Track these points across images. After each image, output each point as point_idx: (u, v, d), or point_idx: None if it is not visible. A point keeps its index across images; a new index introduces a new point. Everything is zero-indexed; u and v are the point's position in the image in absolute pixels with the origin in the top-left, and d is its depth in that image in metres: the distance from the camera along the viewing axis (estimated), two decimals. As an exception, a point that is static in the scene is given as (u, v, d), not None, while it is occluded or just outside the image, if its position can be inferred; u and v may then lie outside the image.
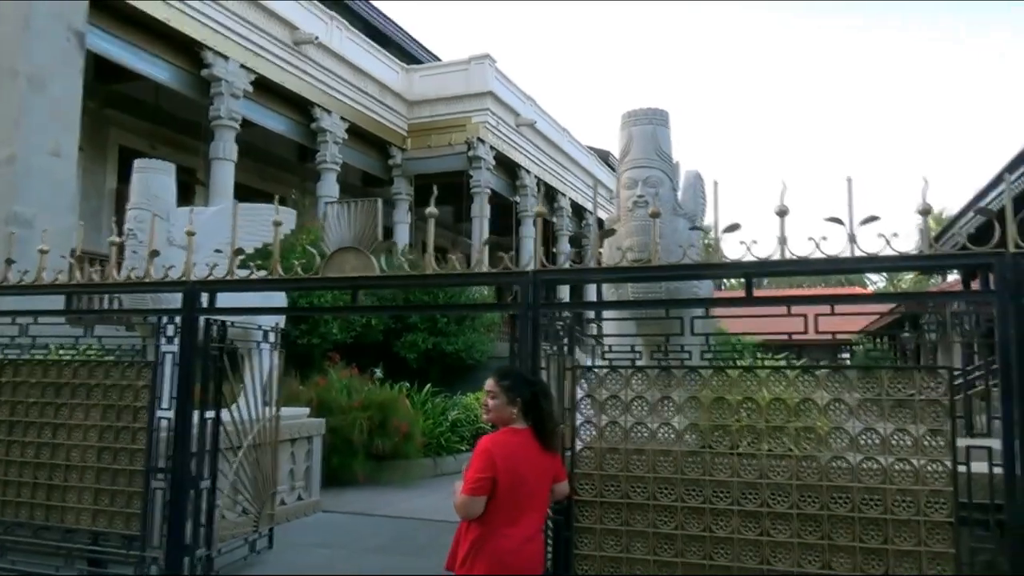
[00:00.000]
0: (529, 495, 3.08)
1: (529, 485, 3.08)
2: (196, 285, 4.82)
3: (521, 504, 3.08)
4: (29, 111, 8.78)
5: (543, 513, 3.22)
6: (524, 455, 3.15)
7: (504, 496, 3.03)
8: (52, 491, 5.00)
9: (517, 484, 3.06)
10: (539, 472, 3.15)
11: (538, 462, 3.16)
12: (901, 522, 3.40)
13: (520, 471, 3.11)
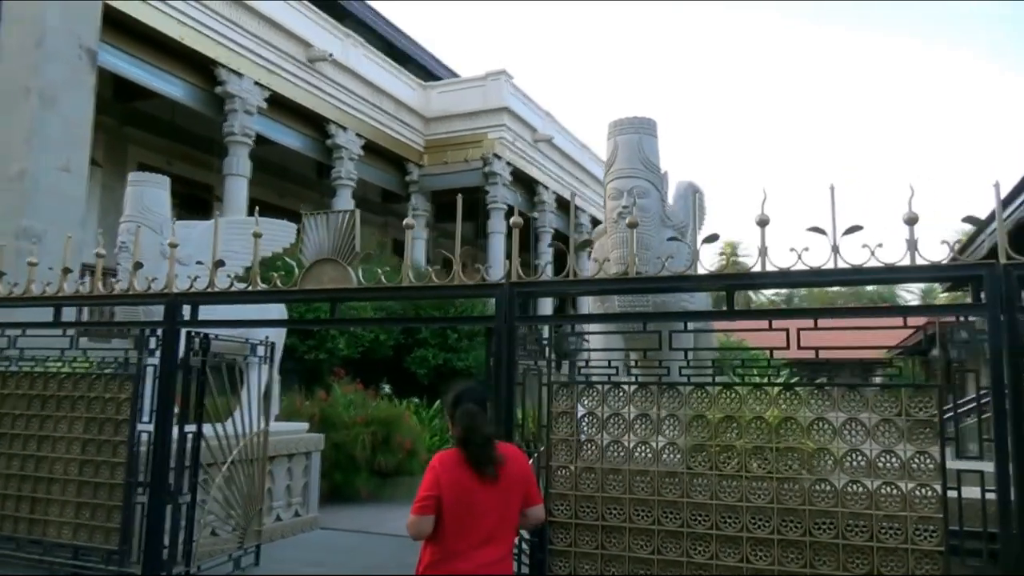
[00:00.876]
0: (482, 515, 2.92)
1: (482, 505, 2.92)
2: (178, 297, 4.79)
3: (474, 525, 2.93)
4: (40, 128, 8.90)
5: (507, 535, 3.04)
6: (468, 475, 2.97)
7: (453, 517, 2.89)
8: (36, 504, 4.98)
9: (466, 504, 2.90)
10: (494, 492, 2.97)
11: (503, 481, 2.99)
12: (888, 550, 3.21)
13: (469, 490, 2.92)
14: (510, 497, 3.00)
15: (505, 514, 3.00)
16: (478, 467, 2.87)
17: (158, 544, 4.60)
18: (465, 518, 2.88)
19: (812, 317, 3.46)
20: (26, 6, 9.16)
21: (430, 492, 2.86)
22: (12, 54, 9.17)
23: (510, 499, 3.00)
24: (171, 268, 4.83)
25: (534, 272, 3.91)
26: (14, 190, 8.79)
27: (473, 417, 2.94)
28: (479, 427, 2.92)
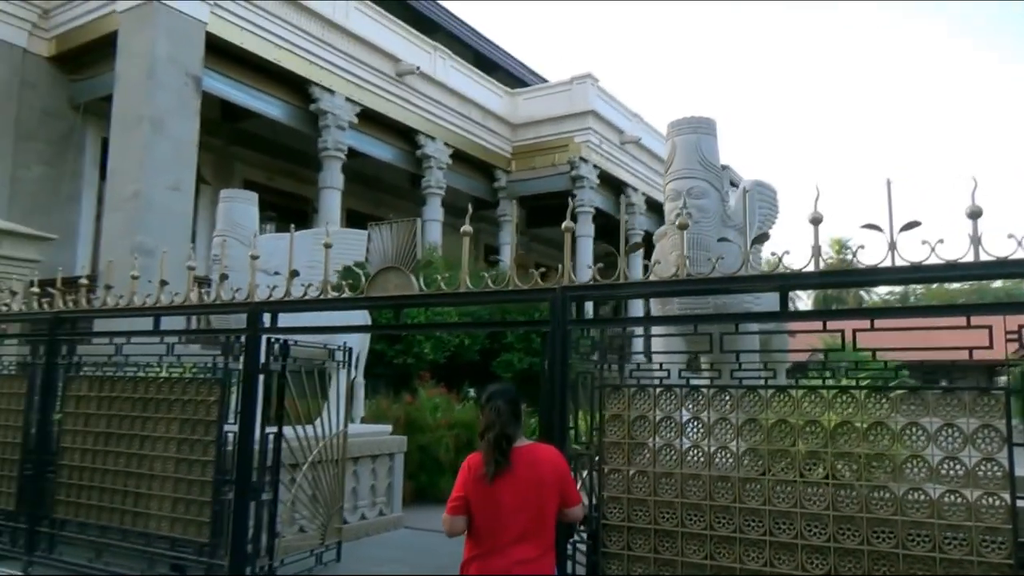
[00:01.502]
0: (509, 513, 2.99)
1: (505, 503, 2.99)
2: (259, 306, 5.10)
3: (503, 523, 3.01)
4: (151, 151, 9.67)
5: (543, 534, 3.10)
6: (509, 476, 3.06)
7: (480, 515, 2.99)
8: (139, 498, 5.40)
9: (490, 502, 3.00)
10: (518, 490, 3.04)
11: (521, 481, 3.05)
12: (952, 562, 3.04)
13: (495, 491, 3.02)
14: (540, 496, 3.05)
15: (537, 513, 3.05)
16: (486, 463, 2.96)
17: (243, 538, 4.91)
18: (491, 516, 2.97)
19: (868, 317, 3.33)
20: (138, 40, 9.95)
21: (458, 493, 2.97)
22: (127, 85, 9.99)
23: (540, 498, 3.06)
24: (252, 278, 5.16)
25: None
26: (129, 209, 9.57)
27: (497, 413, 3.04)
28: (495, 424, 3.02)
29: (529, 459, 3.12)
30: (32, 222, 10.74)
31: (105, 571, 5.45)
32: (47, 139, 11.49)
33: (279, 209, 14.63)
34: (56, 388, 6.05)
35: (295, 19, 11.75)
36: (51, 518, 5.83)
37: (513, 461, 3.07)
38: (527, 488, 3.04)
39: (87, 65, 11.39)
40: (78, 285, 6.12)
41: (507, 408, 3.11)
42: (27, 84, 11.34)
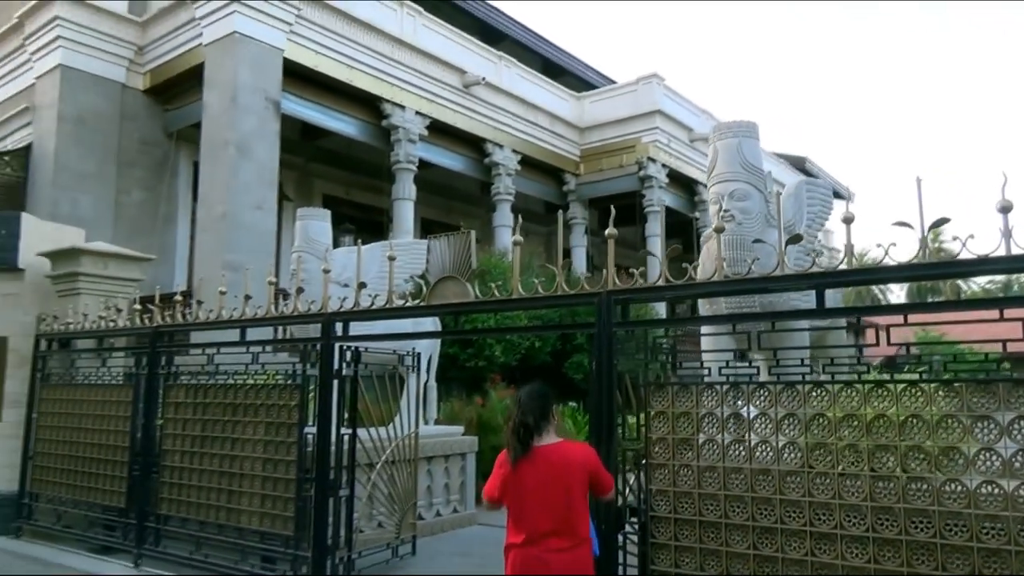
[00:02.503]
0: (538, 505, 3.23)
1: (534, 495, 3.23)
2: (331, 316, 5.51)
3: (532, 515, 3.25)
4: (237, 174, 10.35)
5: (574, 527, 3.30)
6: (530, 466, 3.31)
7: (512, 503, 3.25)
8: (231, 496, 5.90)
9: (519, 492, 3.26)
10: (547, 483, 3.27)
11: (557, 476, 3.28)
12: (990, 551, 3.09)
13: (520, 479, 3.29)
14: (566, 490, 3.26)
15: (565, 507, 3.27)
16: (508, 450, 3.23)
17: (323, 531, 5.32)
18: (519, 504, 3.24)
19: (901, 313, 3.41)
20: (222, 70, 10.67)
21: (492, 482, 3.29)
22: (213, 113, 10.72)
23: (566, 492, 3.26)
24: (324, 291, 5.57)
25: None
26: (218, 229, 10.27)
27: (519, 405, 3.31)
28: (518, 415, 3.28)
29: (556, 454, 3.33)
30: (134, 243, 11.63)
31: (204, 563, 5.96)
32: (145, 166, 12.41)
33: (357, 221, 15.24)
34: (157, 396, 6.65)
35: (365, 40, 12.30)
36: (156, 514, 6.41)
37: (538, 454, 3.30)
38: (551, 481, 3.26)
39: (178, 96, 12.24)
40: (173, 301, 6.70)
41: (529, 402, 3.36)
42: (126, 116, 12.29)
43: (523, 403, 3.43)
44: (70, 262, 8.10)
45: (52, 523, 7.38)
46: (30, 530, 7.59)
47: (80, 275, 8.05)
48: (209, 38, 10.87)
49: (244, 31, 10.56)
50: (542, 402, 3.47)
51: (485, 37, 18.28)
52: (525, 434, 3.35)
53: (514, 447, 3.35)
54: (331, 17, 11.77)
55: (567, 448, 3.45)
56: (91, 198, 11.68)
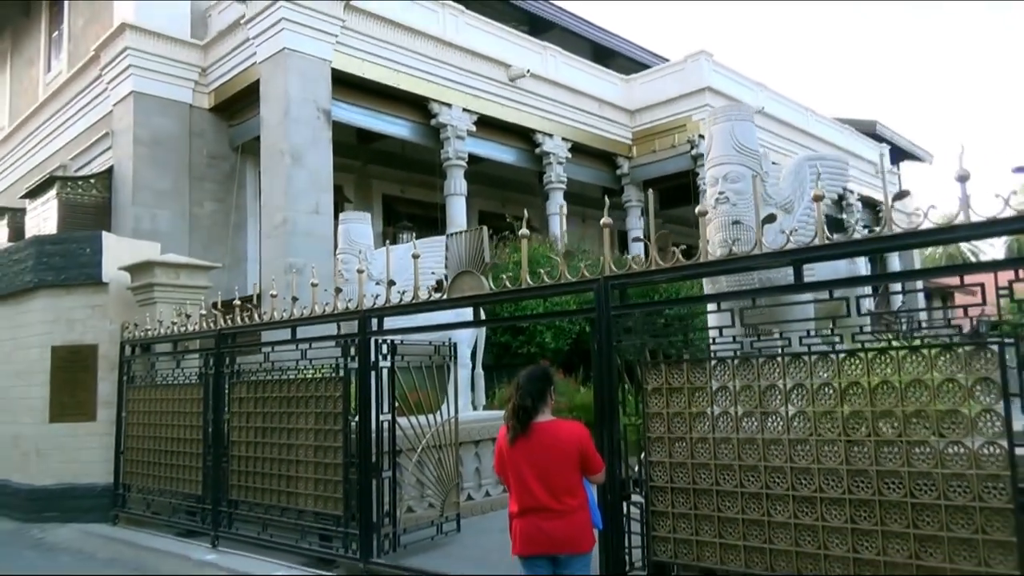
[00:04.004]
0: (534, 478, 3.55)
1: (530, 469, 3.55)
2: (366, 313, 5.95)
3: (529, 487, 3.57)
4: (293, 181, 11.00)
5: (569, 495, 3.60)
6: (527, 446, 3.63)
7: (514, 478, 3.57)
8: (289, 481, 6.44)
9: (516, 467, 3.59)
10: (541, 458, 3.58)
11: (551, 450, 3.58)
12: (957, 508, 3.23)
13: (516, 455, 3.63)
14: (560, 464, 3.58)
15: (559, 478, 3.58)
16: (507, 429, 3.56)
17: (368, 510, 5.78)
18: (517, 478, 3.57)
19: (868, 283, 3.55)
20: (275, 84, 11.33)
21: (496, 459, 3.60)
22: (269, 125, 11.40)
23: (560, 465, 3.58)
24: (360, 289, 6.02)
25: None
26: (279, 235, 10.95)
27: (517, 388, 3.62)
28: (517, 398, 3.59)
29: (551, 432, 3.65)
30: (209, 252, 12.51)
31: (270, 542, 6.54)
32: (215, 179, 13.28)
33: (414, 218, 15.83)
34: (224, 392, 7.27)
35: (409, 43, 12.75)
36: (228, 500, 7.05)
37: (534, 432, 3.63)
38: (545, 456, 3.58)
39: (240, 111, 13.03)
40: (233, 305, 7.30)
41: (528, 384, 3.67)
42: (195, 134, 13.18)
43: (522, 386, 3.75)
44: (146, 274, 8.88)
45: (143, 511, 8.17)
46: (125, 517, 8.42)
47: (155, 285, 8.81)
48: (262, 56, 11.54)
49: (293, 46, 11.17)
50: (540, 384, 3.79)
51: (533, 28, 18.53)
52: (524, 415, 3.68)
53: (513, 427, 3.69)
54: (374, 24, 12.26)
55: (560, 426, 3.76)
56: (168, 213, 12.60)
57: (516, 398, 3.72)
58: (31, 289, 9.29)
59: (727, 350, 4.01)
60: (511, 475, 3.72)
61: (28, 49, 17.91)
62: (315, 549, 6.23)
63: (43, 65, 16.83)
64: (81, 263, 9.14)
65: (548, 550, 3.63)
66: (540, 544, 3.62)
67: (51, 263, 9.17)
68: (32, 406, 9.03)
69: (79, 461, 8.78)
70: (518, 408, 3.68)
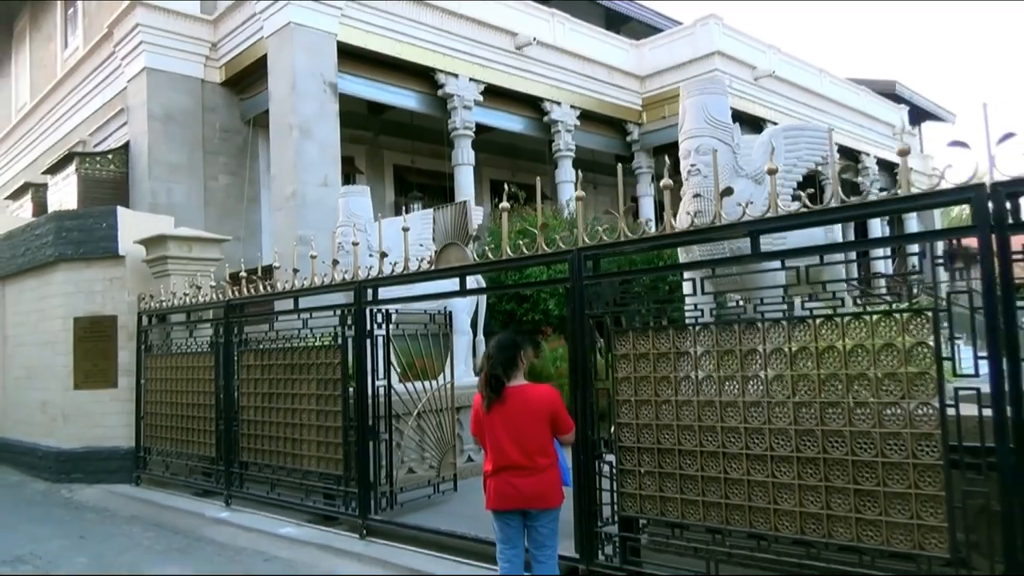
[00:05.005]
0: (508, 440, 3.80)
1: (504, 432, 3.80)
2: (361, 284, 6.22)
3: (503, 448, 3.83)
4: (302, 154, 11.23)
5: (540, 454, 3.87)
6: (500, 409, 3.88)
7: (488, 440, 3.83)
8: (294, 443, 6.80)
9: (492, 430, 3.84)
10: (524, 420, 3.83)
11: (522, 413, 3.84)
12: (893, 465, 3.44)
13: (492, 420, 3.89)
14: (532, 425, 3.84)
15: (533, 439, 3.84)
16: (482, 397, 3.80)
17: (365, 470, 6.11)
18: (492, 440, 3.82)
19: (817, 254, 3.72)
20: (282, 58, 11.51)
21: (472, 421, 3.85)
22: (277, 99, 11.61)
23: (532, 426, 3.84)
24: (355, 261, 6.28)
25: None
26: (290, 207, 11.22)
27: (488, 358, 3.86)
28: (488, 367, 3.83)
29: (522, 396, 3.90)
30: (224, 225, 12.84)
31: (278, 500, 6.93)
32: (228, 152, 13.55)
33: (424, 188, 16.01)
34: (233, 360, 7.62)
35: (414, 14, 12.81)
36: (239, 461, 7.44)
37: (507, 397, 3.87)
38: (518, 419, 3.84)
39: (250, 85, 13.22)
40: (239, 277, 7.60)
41: (498, 353, 3.90)
42: (207, 108, 13.42)
43: (493, 355, 3.99)
44: (160, 247, 9.22)
45: (162, 472, 8.63)
46: (147, 478, 8.89)
47: (168, 258, 9.16)
48: (269, 30, 11.71)
49: (298, 20, 11.31)
50: (510, 351, 4.03)
51: (542, -5, 18.42)
52: (496, 383, 3.93)
53: (487, 395, 3.93)
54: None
55: (531, 390, 4.01)
56: (183, 187, 12.93)
57: (487, 367, 3.95)
58: (52, 263, 9.70)
59: (689, 318, 4.21)
60: (487, 437, 3.97)
61: (46, 25, 18.21)
62: (319, 507, 6.59)
63: (60, 41, 17.13)
64: (98, 237, 9.50)
65: (520, 505, 3.90)
66: (512, 499, 3.89)
67: (70, 238, 9.55)
68: (57, 374, 9.49)
69: (102, 426, 9.24)
70: (490, 377, 3.92)
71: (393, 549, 5.69)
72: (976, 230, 3.20)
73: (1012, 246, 3.12)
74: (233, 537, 6.54)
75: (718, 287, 5.06)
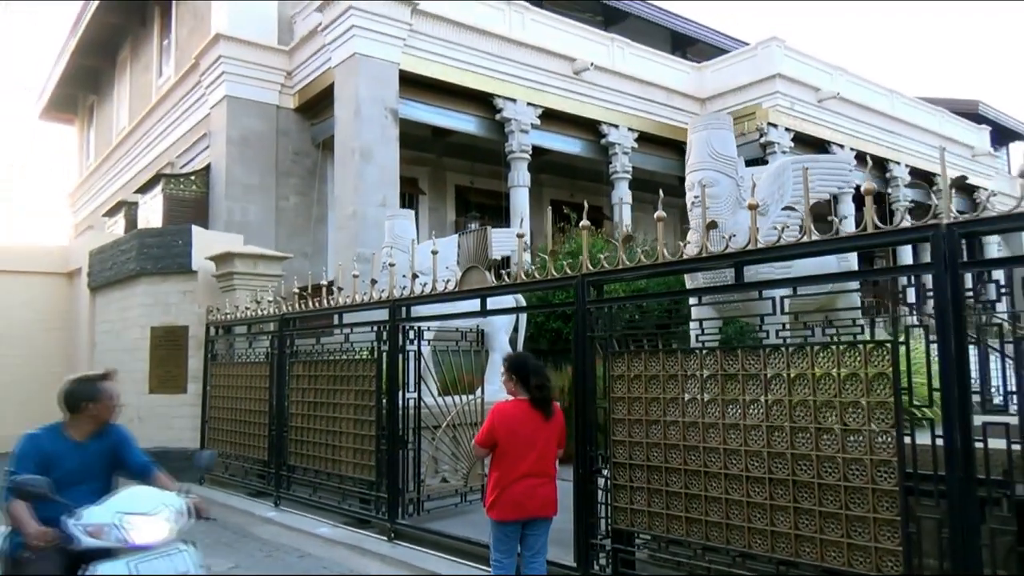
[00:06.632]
0: (528, 449, 4.11)
1: (527, 442, 4.11)
2: (395, 302, 6.67)
3: (523, 456, 4.12)
4: (362, 177, 11.88)
5: (549, 465, 4.19)
6: (521, 418, 4.18)
7: (506, 449, 4.12)
8: (334, 450, 7.29)
9: (516, 440, 4.13)
10: (537, 432, 4.15)
11: (536, 425, 4.15)
12: (855, 489, 3.59)
13: (517, 431, 4.16)
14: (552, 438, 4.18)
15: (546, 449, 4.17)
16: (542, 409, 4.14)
17: (395, 477, 6.52)
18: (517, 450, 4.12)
19: (791, 286, 3.91)
20: (347, 87, 12.23)
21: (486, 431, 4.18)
22: (342, 125, 12.33)
23: (552, 440, 4.18)
24: (391, 281, 6.73)
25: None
26: (350, 227, 11.87)
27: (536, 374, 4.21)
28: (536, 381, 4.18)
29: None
30: (293, 243, 13.66)
31: (320, 503, 7.42)
32: (298, 174, 14.41)
33: (482, 208, 16.51)
34: (285, 370, 8.20)
35: (474, 42, 13.37)
36: (288, 465, 7.99)
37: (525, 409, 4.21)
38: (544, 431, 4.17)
39: (320, 111, 14.05)
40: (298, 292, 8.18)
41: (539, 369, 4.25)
42: (281, 132, 14.33)
43: (539, 371, 4.30)
44: (227, 263, 9.97)
45: (222, 473, 9.29)
46: (209, 478, 9.55)
47: (235, 274, 9.90)
48: (336, 60, 12.47)
49: (363, 51, 12.02)
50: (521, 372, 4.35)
51: (608, 20, 18.79)
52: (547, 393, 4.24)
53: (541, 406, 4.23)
54: (440, 26, 12.95)
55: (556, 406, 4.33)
56: (256, 206, 13.82)
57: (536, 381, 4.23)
58: (135, 276, 10.60)
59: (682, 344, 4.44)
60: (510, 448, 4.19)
61: (144, 55, 19.72)
62: (354, 510, 7.04)
63: (156, 70, 18.54)
64: (174, 253, 10.35)
65: (536, 513, 4.18)
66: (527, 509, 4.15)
67: (150, 253, 10.44)
68: (135, 379, 10.34)
69: (173, 428, 10.02)
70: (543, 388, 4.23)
71: (417, 552, 6.06)
72: (932, 267, 3.35)
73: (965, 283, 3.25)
74: (276, 535, 7.07)
75: (723, 312, 5.28)
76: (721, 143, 5.18)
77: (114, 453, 3.74)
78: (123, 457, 3.78)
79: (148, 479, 3.75)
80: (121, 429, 3.86)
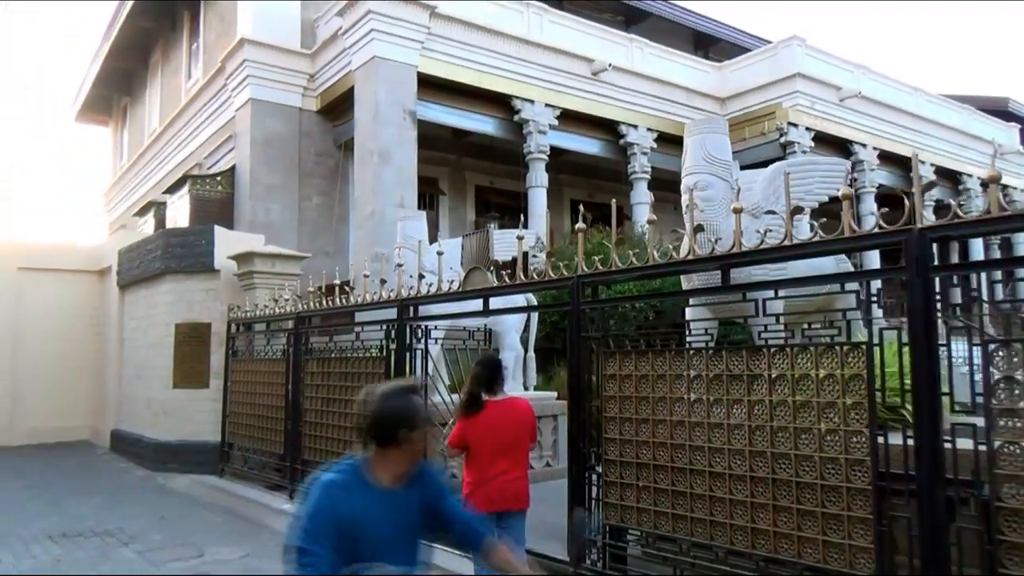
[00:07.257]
0: (499, 448, 4.24)
1: (497, 441, 4.23)
2: (403, 301, 6.84)
3: (495, 455, 4.26)
4: (381, 178, 12.11)
5: (520, 462, 4.31)
6: (487, 420, 4.31)
7: (478, 450, 4.26)
8: (346, 444, 7.46)
9: (486, 441, 4.26)
10: (506, 431, 4.27)
11: (504, 423, 4.28)
12: (831, 487, 3.67)
13: (486, 432, 4.29)
14: (514, 435, 4.27)
15: (514, 447, 4.28)
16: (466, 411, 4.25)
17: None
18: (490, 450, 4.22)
19: (772, 288, 4.00)
20: (366, 89, 12.47)
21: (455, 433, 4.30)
22: (362, 127, 12.57)
23: (514, 437, 4.28)
24: (399, 281, 6.91)
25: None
26: (368, 227, 12.10)
27: (471, 378, 4.31)
28: (468, 386, 4.28)
29: (504, 408, 4.34)
30: (315, 242, 13.96)
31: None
32: (321, 175, 14.70)
33: (502, 208, 16.65)
34: (301, 367, 8.43)
35: (492, 44, 13.53)
36: (303, 459, 8.22)
37: (491, 409, 4.32)
38: (502, 429, 4.28)
39: (342, 113, 14.32)
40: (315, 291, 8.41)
41: (481, 373, 4.36)
42: (304, 134, 14.64)
43: (474, 375, 4.44)
44: (248, 262, 10.25)
45: (241, 466, 9.57)
46: (229, 471, 9.86)
47: (255, 273, 10.17)
48: (356, 63, 12.71)
49: (382, 54, 12.24)
50: (490, 371, 4.46)
51: (629, 20, 18.83)
52: (472, 400, 4.36)
53: (468, 408, 4.39)
54: (458, 29, 13.13)
55: (514, 403, 4.45)
56: (279, 206, 14.14)
57: (468, 386, 4.38)
58: (160, 274, 10.94)
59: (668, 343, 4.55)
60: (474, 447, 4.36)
61: (174, 59, 20.21)
62: (364, 504, 7.22)
63: (185, 73, 18.99)
64: (198, 253, 10.66)
65: (510, 506, 4.32)
66: (497, 503, 4.30)
67: (175, 252, 10.76)
68: (160, 374, 10.68)
69: (195, 422, 10.33)
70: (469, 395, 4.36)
71: (421, 545, 6.23)
72: (904, 271, 3.42)
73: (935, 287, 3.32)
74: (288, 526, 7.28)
75: (718, 313, 5.37)
76: (716, 147, 5.26)
77: (431, 507, 2.40)
78: (442, 512, 2.44)
79: (477, 549, 2.51)
80: (434, 471, 2.51)
